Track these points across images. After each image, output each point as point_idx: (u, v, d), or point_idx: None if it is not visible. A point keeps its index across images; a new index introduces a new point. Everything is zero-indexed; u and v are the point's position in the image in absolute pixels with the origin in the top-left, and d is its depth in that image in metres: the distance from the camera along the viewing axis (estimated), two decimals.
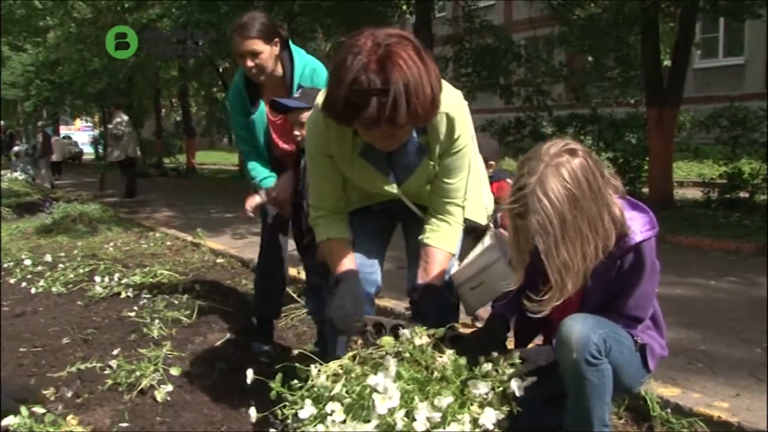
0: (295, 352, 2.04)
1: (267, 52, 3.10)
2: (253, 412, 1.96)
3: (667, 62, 10.01)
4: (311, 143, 2.28)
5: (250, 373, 2.02)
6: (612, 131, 9.55)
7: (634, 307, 1.94)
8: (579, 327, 1.81)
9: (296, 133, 2.95)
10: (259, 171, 3.33)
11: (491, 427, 1.71)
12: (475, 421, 1.70)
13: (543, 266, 1.78)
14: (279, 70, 3.20)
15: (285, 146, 3.28)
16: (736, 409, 2.50)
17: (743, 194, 8.67)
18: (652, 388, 2.60)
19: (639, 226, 1.86)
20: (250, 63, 3.08)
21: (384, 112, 1.80)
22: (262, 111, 3.27)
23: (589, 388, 1.82)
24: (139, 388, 2.90)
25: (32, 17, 18.61)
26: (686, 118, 9.55)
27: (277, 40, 3.13)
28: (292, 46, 3.24)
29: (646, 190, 9.12)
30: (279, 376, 1.88)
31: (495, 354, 1.89)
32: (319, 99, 2.13)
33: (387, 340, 1.92)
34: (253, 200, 3.28)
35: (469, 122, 2.26)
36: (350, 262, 2.27)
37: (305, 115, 2.78)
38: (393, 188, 2.28)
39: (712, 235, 6.96)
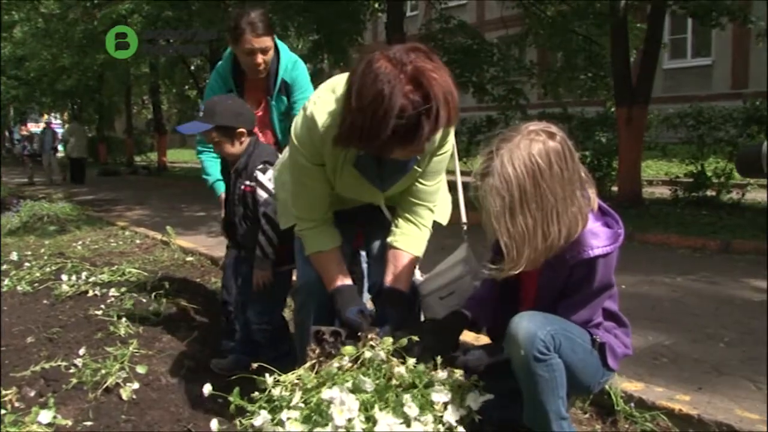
0: (254, 365, 2.04)
1: (272, 47, 3.09)
2: (214, 423, 2.00)
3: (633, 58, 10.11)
4: (304, 153, 2.16)
5: (207, 387, 2.06)
6: (582, 130, 9.64)
7: (572, 314, 1.94)
8: (525, 324, 1.83)
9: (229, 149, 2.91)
10: (211, 170, 3.31)
11: (455, 424, 1.72)
12: (438, 419, 1.72)
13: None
14: None
15: (262, 138, 3.24)
16: (698, 403, 2.54)
17: (710, 192, 8.82)
18: (616, 383, 2.64)
19: (600, 242, 1.87)
20: (260, 59, 3.05)
21: (432, 127, 1.81)
22: None
23: (541, 384, 1.83)
24: (104, 387, 2.85)
25: None
26: (655, 118, 9.66)
27: (273, 34, 3.12)
28: (277, 39, 3.20)
29: (615, 188, 9.22)
30: (236, 389, 1.89)
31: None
32: (320, 118, 2.07)
33: (349, 349, 1.93)
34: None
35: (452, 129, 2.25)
36: (344, 274, 2.26)
37: (214, 135, 2.83)
38: (380, 197, 2.27)
39: (679, 233, 7.06)
